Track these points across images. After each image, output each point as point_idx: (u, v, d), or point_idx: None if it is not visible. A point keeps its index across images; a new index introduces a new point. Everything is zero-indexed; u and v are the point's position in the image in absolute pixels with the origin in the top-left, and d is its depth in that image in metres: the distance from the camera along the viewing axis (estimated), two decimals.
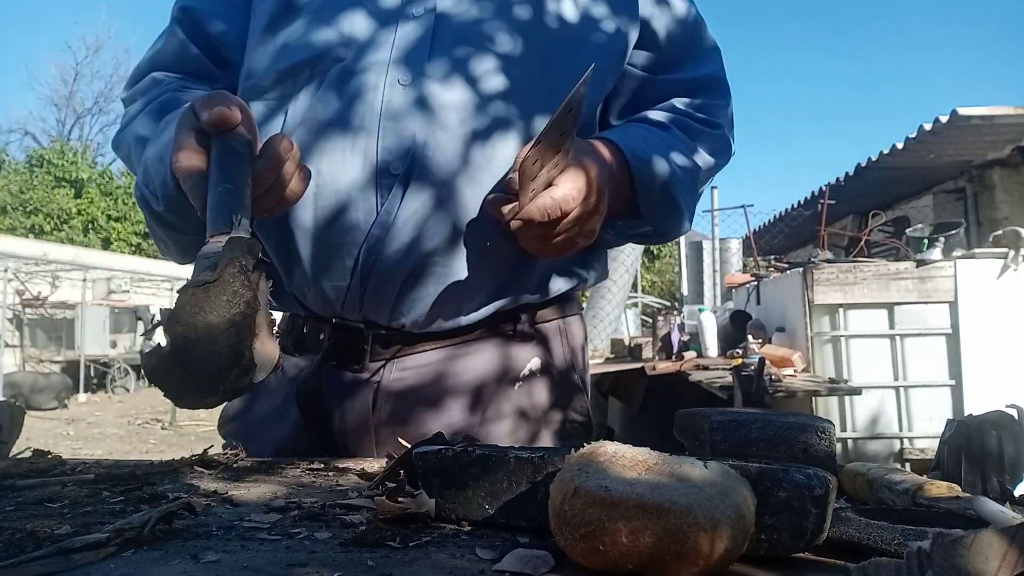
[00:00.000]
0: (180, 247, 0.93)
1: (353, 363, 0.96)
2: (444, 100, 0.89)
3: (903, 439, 4.00)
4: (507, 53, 0.92)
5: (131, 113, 0.99)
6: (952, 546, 0.38)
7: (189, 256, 0.94)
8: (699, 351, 5.20)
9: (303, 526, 0.59)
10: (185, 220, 0.85)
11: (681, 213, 0.98)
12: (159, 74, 1.01)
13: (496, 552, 0.52)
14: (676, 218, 0.99)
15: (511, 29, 0.93)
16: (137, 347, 16.01)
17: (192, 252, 0.93)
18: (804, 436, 0.64)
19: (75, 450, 7.89)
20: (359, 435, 0.97)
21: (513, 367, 0.99)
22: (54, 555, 0.48)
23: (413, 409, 0.96)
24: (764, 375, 3.32)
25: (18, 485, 0.73)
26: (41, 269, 15.24)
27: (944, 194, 7.59)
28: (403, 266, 0.89)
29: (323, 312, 0.96)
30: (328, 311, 0.95)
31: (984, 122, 5.89)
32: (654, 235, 1.03)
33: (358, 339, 0.95)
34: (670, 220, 0.99)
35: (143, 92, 1.01)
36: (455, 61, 0.90)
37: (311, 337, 0.99)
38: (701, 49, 1.07)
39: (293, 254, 0.93)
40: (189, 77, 1.01)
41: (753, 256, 7.37)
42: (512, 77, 0.91)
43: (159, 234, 0.92)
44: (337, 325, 0.96)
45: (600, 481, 0.46)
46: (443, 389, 0.97)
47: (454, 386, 0.97)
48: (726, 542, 0.45)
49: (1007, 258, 4.05)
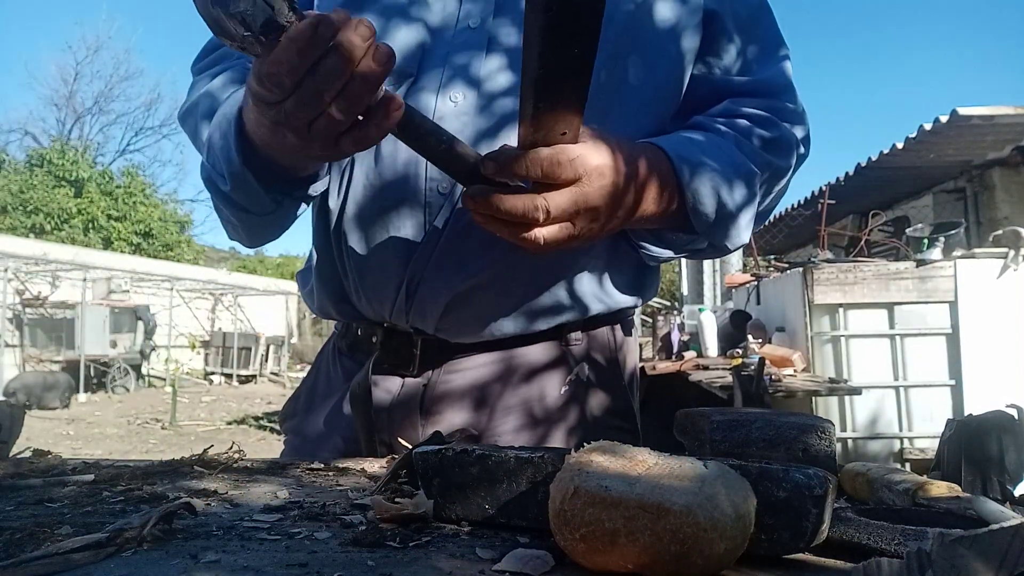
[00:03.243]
0: (248, 228, 0.91)
1: (402, 367, 0.97)
2: (496, 119, 0.86)
3: (903, 439, 4.00)
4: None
5: (200, 85, 0.96)
6: (952, 546, 0.38)
7: (258, 239, 0.94)
8: (699, 351, 5.21)
9: (303, 526, 0.59)
10: (252, 199, 0.84)
11: (737, 223, 0.88)
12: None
13: (496, 552, 0.52)
14: (731, 229, 0.88)
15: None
16: (137, 347, 16.03)
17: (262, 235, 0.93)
18: (804, 436, 0.64)
19: (75, 450, 7.90)
20: (407, 432, 0.97)
21: (559, 376, 0.99)
22: (54, 555, 0.48)
23: (460, 414, 0.96)
24: (764, 375, 3.32)
25: (18, 485, 0.73)
26: (41, 269, 15.25)
27: (944, 194, 7.59)
28: (448, 283, 0.89)
29: (374, 318, 0.97)
30: (379, 317, 0.96)
31: (984, 122, 5.89)
32: (709, 249, 0.93)
33: (408, 344, 0.96)
34: (723, 231, 0.88)
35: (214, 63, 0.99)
36: (508, 77, 0.87)
37: (364, 340, 1.00)
38: (765, 48, 0.98)
39: (347, 264, 0.94)
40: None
41: (753, 256, 7.37)
42: None
43: (227, 215, 0.89)
44: (388, 329, 0.97)
45: (600, 481, 0.46)
46: (490, 395, 0.97)
47: (501, 392, 0.97)
48: (726, 542, 0.45)
49: (1007, 258, 4.05)
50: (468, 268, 0.89)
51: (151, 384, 16.70)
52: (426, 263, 0.89)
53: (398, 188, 0.88)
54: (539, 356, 0.98)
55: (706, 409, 0.69)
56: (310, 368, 1.15)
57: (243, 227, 0.91)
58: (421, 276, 0.89)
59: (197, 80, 0.98)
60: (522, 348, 0.97)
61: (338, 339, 1.07)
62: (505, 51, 0.88)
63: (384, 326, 0.97)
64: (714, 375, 4.10)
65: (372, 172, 0.90)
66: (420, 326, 0.94)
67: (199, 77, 0.99)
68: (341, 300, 0.99)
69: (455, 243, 0.88)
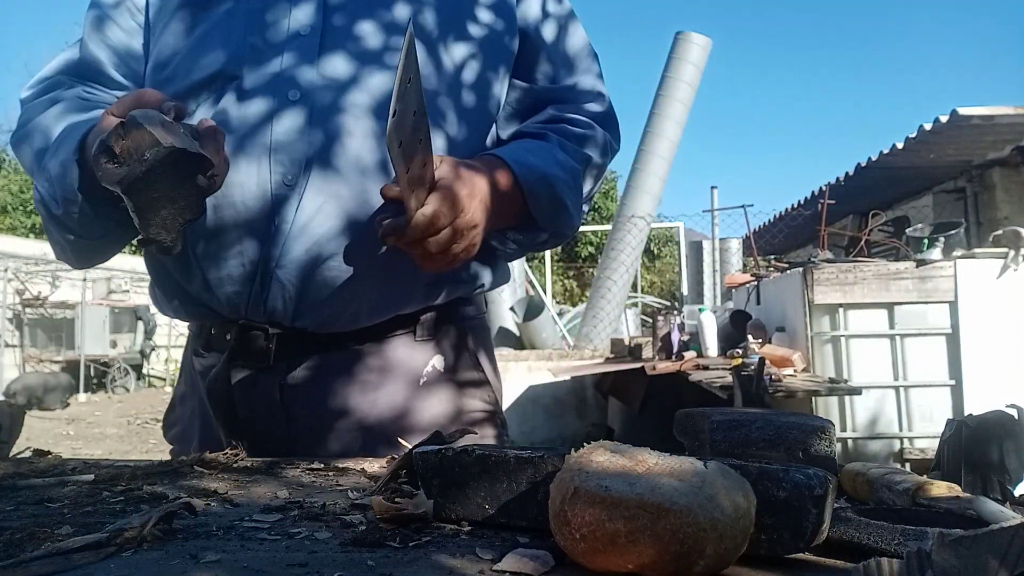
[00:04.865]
0: (77, 251, 0.97)
1: (258, 361, 0.99)
2: (334, 111, 0.93)
3: (903, 439, 4.00)
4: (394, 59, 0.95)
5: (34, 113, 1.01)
6: (952, 546, 0.38)
7: (85, 261, 1.00)
8: (699, 351, 5.20)
9: (303, 526, 0.59)
10: (85, 227, 0.90)
11: (569, 213, 1.04)
12: (63, 77, 1.05)
13: (496, 552, 0.52)
14: (566, 219, 1.04)
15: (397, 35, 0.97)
16: (137, 347, 16.03)
17: (89, 258, 1.00)
18: (804, 436, 0.64)
19: (75, 450, 7.89)
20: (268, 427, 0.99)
21: (416, 366, 1.03)
22: (54, 555, 0.48)
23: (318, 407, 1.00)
24: (764, 375, 3.32)
25: (18, 485, 0.73)
26: (41, 269, 15.24)
27: (944, 194, 7.59)
28: (300, 273, 0.92)
29: (229, 315, 0.98)
30: (234, 314, 0.98)
31: (984, 122, 5.89)
32: (551, 239, 1.09)
33: (263, 338, 0.98)
34: (560, 221, 1.04)
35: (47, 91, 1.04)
36: (343, 70, 0.95)
37: (218, 338, 1.02)
38: (577, 57, 1.12)
39: (197, 260, 0.96)
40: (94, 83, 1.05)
41: (753, 256, 7.38)
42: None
43: (56, 238, 0.95)
44: (243, 326, 0.99)
45: (600, 481, 0.46)
46: (349, 388, 1.01)
47: (359, 385, 1.01)
48: (726, 542, 0.45)
49: (1007, 258, 4.05)
50: (317, 257, 0.92)
51: (151, 384, 16.69)
52: (278, 254, 0.92)
53: (244, 181, 0.91)
54: (394, 347, 1.02)
55: (706, 409, 0.69)
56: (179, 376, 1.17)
57: (71, 248, 0.96)
58: (274, 266, 0.92)
59: (29, 107, 1.03)
60: (377, 340, 1.01)
61: (194, 340, 1.09)
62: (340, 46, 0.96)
63: (239, 323, 0.98)
64: (714, 375, 4.10)
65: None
66: (277, 318, 0.96)
67: (31, 105, 1.03)
68: (192, 301, 1.01)
69: (303, 234, 0.91)
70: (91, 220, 0.89)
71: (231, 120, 0.92)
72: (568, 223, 1.06)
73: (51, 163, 0.88)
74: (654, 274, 20.99)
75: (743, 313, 5.16)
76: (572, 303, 16.46)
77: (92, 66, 1.05)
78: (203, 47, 0.96)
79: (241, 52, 0.95)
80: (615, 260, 8.18)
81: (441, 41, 1.01)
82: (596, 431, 6.49)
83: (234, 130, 0.92)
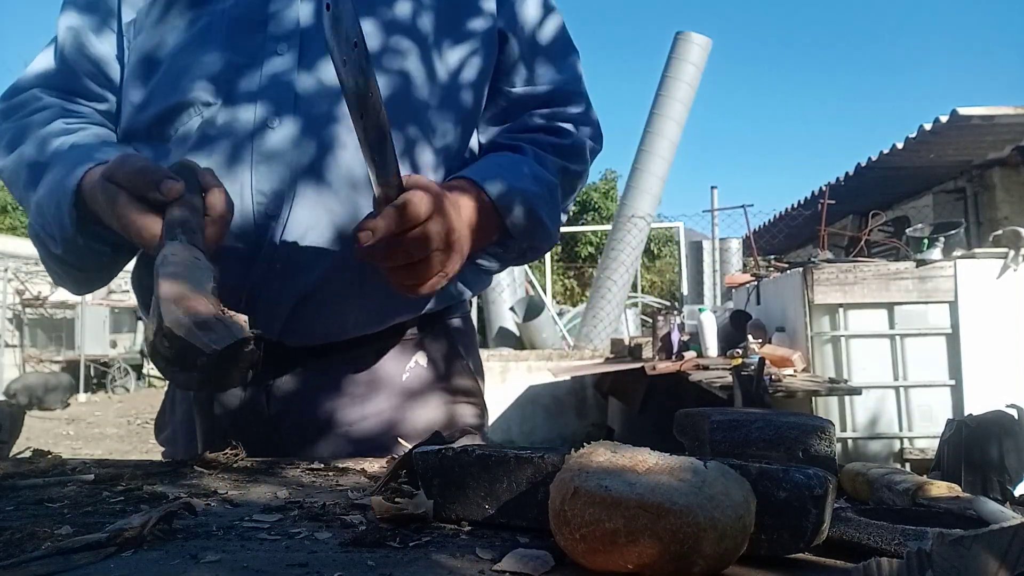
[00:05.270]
0: (75, 280, 0.98)
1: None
2: (314, 137, 0.92)
3: (903, 439, 4.00)
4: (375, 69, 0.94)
5: (11, 130, 0.99)
6: (952, 546, 0.38)
7: (84, 288, 1.00)
8: (699, 351, 5.21)
9: (303, 526, 0.59)
10: (84, 260, 0.91)
11: (546, 228, 1.02)
12: (39, 91, 1.03)
13: (496, 552, 0.52)
14: (543, 233, 1.02)
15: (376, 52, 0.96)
16: (137, 347, 16.02)
17: (89, 285, 1.00)
18: (804, 436, 0.64)
19: (75, 450, 7.89)
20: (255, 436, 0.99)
21: (399, 365, 1.05)
22: (54, 555, 0.48)
23: (306, 415, 1.01)
24: (764, 375, 3.32)
25: (18, 485, 0.73)
26: (41, 269, 15.19)
27: (944, 194, 7.59)
28: (285, 296, 0.93)
29: None
30: None
31: (984, 122, 5.90)
32: (530, 251, 1.06)
33: None
34: (538, 236, 1.02)
35: (23, 105, 1.02)
36: (322, 95, 0.93)
37: None
38: (556, 58, 1.10)
39: None
40: (71, 95, 1.03)
41: (753, 256, 7.37)
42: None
43: (54, 269, 0.96)
44: None
45: (600, 481, 0.46)
46: (335, 395, 1.02)
47: (347, 393, 1.02)
48: (726, 542, 0.45)
49: (1007, 258, 4.05)
50: (301, 281, 0.93)
51: (151, 384, 16.69)
52: (262, 279, 0.92)
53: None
54: (379, 356, 1.03)
55: (706, 409, 0.69)
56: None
57: (70, 278, 0.97)
58: (260, 290, 0.93)
59: (5, 124, 1.01)
60: (362, 349, 1.02)
61: None
62: (317, 70, 0.94)
63: None
64: (714, 375, 4.10)
65: None
66: (265, 332, 0.95)
67: (6, 125, 1.01)
68: None
69: (288, 260, 0.92)
70: (95, 253, 0.90)
71: (209, 151, 0.91)
72: (546, 236, 1.04)
73: (45, 202, 0.87)
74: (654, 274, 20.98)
75: (743, 313, 5.16)
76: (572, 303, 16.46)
77: (68, 77, 1.03)
78: (182, 66, 0.94)
79: (219, 71, 0.93)
80: (615, 260, 8.19)
81: (423, 47, 0.99)
82: (596, 431, 6.50)
83: (214, 161, 0.90)
